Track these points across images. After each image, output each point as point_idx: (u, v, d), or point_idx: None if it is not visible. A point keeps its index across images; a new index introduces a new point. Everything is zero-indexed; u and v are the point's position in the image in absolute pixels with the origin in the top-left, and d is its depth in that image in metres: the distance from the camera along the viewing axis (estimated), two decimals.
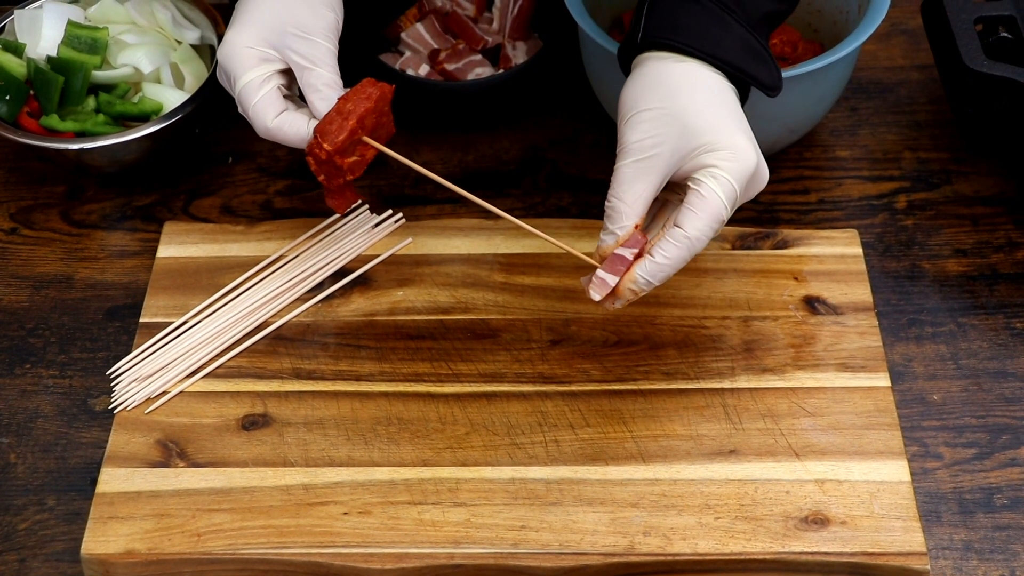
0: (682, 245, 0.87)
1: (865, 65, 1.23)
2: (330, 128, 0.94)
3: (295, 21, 0.95)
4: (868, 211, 1.11)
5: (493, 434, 0.95)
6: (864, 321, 1.01)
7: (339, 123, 0.94)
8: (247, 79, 0.95)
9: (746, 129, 0.88)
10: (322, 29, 0.96)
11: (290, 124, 0.95)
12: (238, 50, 0.95)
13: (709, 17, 0.88)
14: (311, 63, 0.95)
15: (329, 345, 1.01)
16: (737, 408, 0.96)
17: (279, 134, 0.95)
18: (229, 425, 0.96)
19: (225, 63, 0.96)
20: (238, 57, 0.95)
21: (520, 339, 1.01)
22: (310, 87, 0.95)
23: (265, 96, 0.95)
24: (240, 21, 0.96)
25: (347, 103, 0.94)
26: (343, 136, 0.94)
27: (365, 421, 0.96)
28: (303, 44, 0.95)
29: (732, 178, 0.86)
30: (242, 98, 0.96)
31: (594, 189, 1.13)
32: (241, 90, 0.95)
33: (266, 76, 0.95)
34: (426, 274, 1.05)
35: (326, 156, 0.94)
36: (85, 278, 1.08)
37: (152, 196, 1.14)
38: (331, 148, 0.94)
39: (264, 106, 0.95)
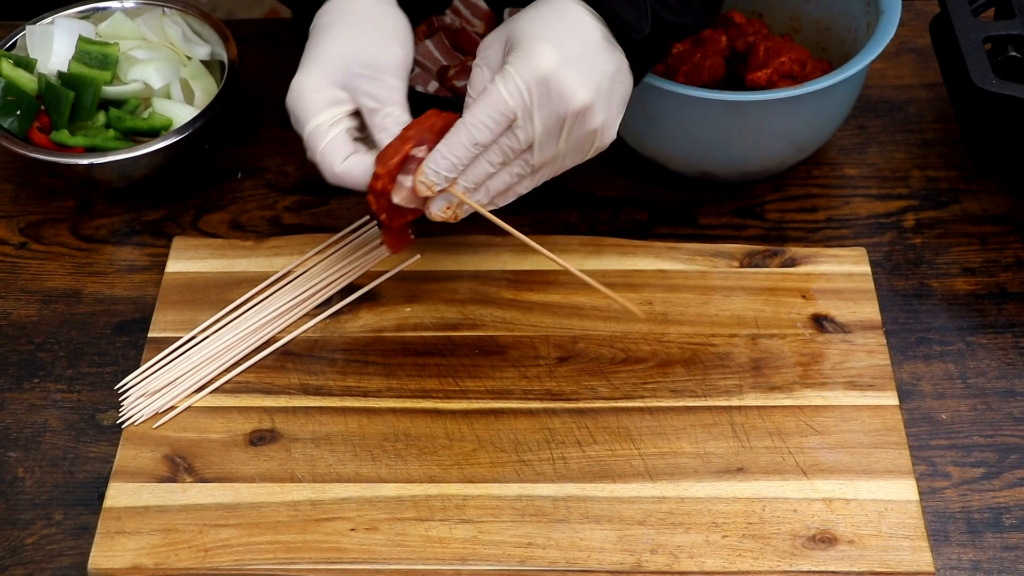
0: (457, 130, 0.88)
1: (874, 83, 1.23)
2: (387, 153, 0.91)
3: (364, 59, 0.93)
4: (876, 229, 1.11)
5: (500, 451, 0.95)
6: (872, 339, 1.01)
7: (396, 147, 0.91)
8: (315, 124, 0.92)
9: (566, 42, 0.88)
10: (392, 67, 0.93)
11: (358, 167, 0.92)
12: (305, 94, 0.92)
13: None
14: (380, 103, 0.92)
15: (337, 361, 1.01)
16: (745, 426, 0.96)
17: (347, 178, 0.92)
18: (236, 440, 0.96)
19: (293, 107, 0.93)
20: (305, 101, 0.92)
21: (528, 356, 1.01)
22: (379, 128, 0.92)
23: (333, 140, 0.92)
24: (308, 61, 0.94)
25: (408, 130, 0.91)
26: (397, 158, 0.90)
27: (372, 437, 0.96)
28: (372, 85, 0.92)
29: (517, 74, 0.87)
30: (310, 143, 0.93)
31: (603, 206, 1.13)
32: (309, 135, 0.92)
33: (335, 119, 0.93)
34: (434, 290, 1.05)
35: (381, 186, 0.91)
36: (94, 293, 1.08)
37: (161, 211, 1.14)
38: (383, 171, 0.90)
39: (331, 151, 0.92)
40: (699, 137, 1.07)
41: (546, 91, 0.88)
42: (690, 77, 1.12)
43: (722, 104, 1.03)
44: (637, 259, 1.07)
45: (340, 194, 1.14)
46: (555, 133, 0.89)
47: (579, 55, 0.88)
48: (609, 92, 0.90)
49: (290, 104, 0.93)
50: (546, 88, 0.87)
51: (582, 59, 0.88)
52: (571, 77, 0.88)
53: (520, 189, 0.94)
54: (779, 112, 1.04)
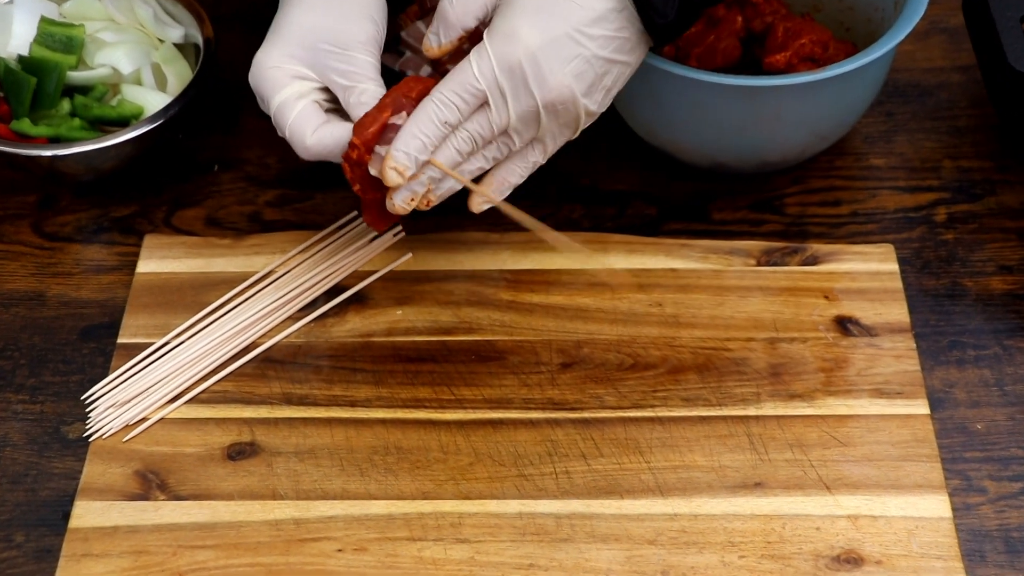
0: (425, 106, 0.89)
1: (902, 66, 1.23)
2: (364, 121, 0.92)
3: (331, 36, 0.94)
4: (905, 224, 1.11)
5: (499, 464, 0.95)
6: (901, 343, 1.02)
7: (372, 116, 0.92)
8: (281, 98, 0.94)
9: (555, 19, 0.87)
10: (362, 42, 0.95)
11: (330, 135, 0.93)
12: (268, 70, 0.94)
13: None
14: (351, 81, 0.94)
15: (322, 368, 1.01)
16: (763, 437, 0.96)
17: (319, 148, 0.93)
18: (214, 454, 0.96)
19: (256, 85, 0.95)
20: (269, 76, 0.94)
21: (528, 362, 1.01)
22: (351, 105, 0.93)
23: (301, 112, 0.94)
24: (271, 39, 0.95)
25: (385, 98, 0.93)
26: (375, 127, 0.92)
27: (361, 450, 0.96)
28: (341, 62, 0.94)
29: (492, 54, 0.87)
30: (278, 120, 0.94)
31: (609, 201, 1.14)
32: (276, 111, 0.94)
33: (302, 92, 0.94)
34: (427, 292, 1.06)
35: (357, 156, 0.92)
36: (58, 295, 1.08)
37: (131, 207, 1.14)
38: (359, 140, 0.91)
39: (300, 123, 0.93)
40: (713, 126, 1.07)
41: (523, 77, 0.88)
42: (703, 60, 1.12)
43: (738, 90, 1.03)
44: (646, 257, 1.07)
45: (325, 188, 1.14)
46: (532, 118, 0.90)
47: (567, 36, 0.88)
48: (598, 76, 0.89)
49: (253, 81, 0.95)
50: (523, 74, 0.88)
51: (571, 41, 0.88)
52: (551, 62, 0.88)
53: (512, 179, 0.94)
54: (799, 98, 1.04)
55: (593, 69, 0.89)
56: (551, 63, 0.88)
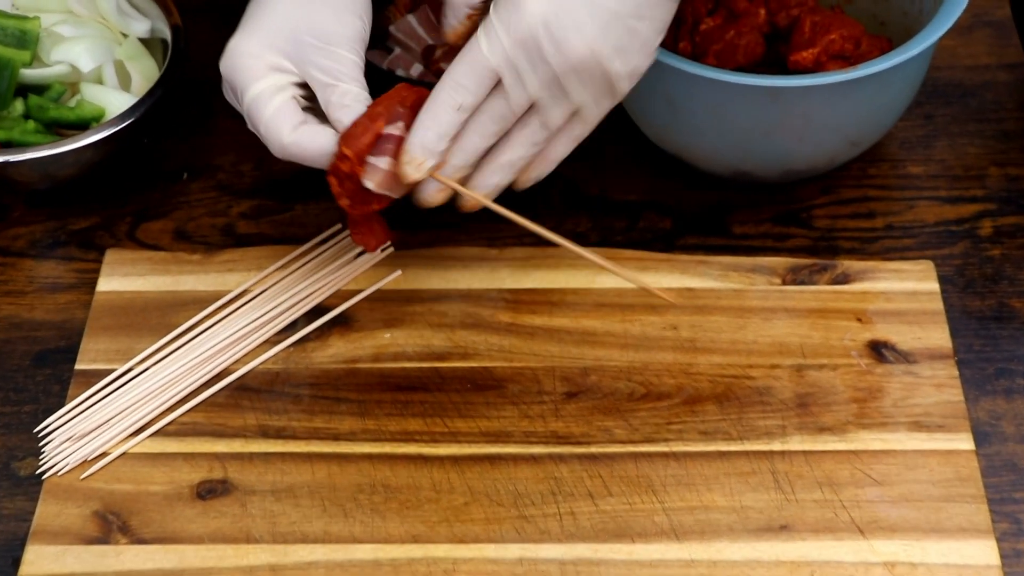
0: (437, 93, 0.91)
1: (942, 64, 1.23)
2: (354, 131, 0.93)
3: (315, 29, 0.94)
4: (946, 239, 1.11)
5: (497, 504, 0.95)
6: (942, 371, 1.01)
7: (364, 125, 0.93)
8: (257, 88, 0.94)
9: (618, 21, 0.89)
10: (347, 39, 0.95)
11: (311, 138, 0.94)
12: (244, 58, 0.94)
13: None
14: (333, 79, 0.94)
15: (302, 398, 1.01)
16: (789, 475, 0.96)
17: (297, 149, 0.94)
18: (182, 493, 0.96)
19: (229, 74, 0.95)
20: (245, 65, 0.94)
21: (530, 391, 1.01)
22: (332, 105, 0.94)
23: (280, 107, 0.94)
24: (248, 26, 0.96)
25: (377, 106, 0.94)
26: (367, 137, 0.92)
27: (344, 489, 0.96)
28: (324, 57, 0.94)
29: (500, 27, 0.88)
30: (252, 111, 0.94)
31: (618, 212, 1.13)
32: (250, 102, 0.94)
33: (280, 85, 0.94)
34: (418, 313, 1.05)
35: (348, 167, 0.93)
36: (9, 316, 1.08)
37: (91, 219, 1.14)
38: (352, 152, 0.92)
39: (279, 118, 0.94)
40: (733, 130, 1.07)
41: (536, 47, 0.88)
42: (722, 58, 1.12)
43: (761, 91, 1.03)
44: (659, 275, 1.07)
45: (306, 198, 1.14)
46: (559, 90, 0.90)
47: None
48: (623, 34, 0.90)
49: (226, 69, 0.95)
50: (536, 44, 0.88)
51: (584, 1, 0.88)
52: (566, 26, 0.88)
53: (555, 155, 0.96)
54: (829, 100, 1.04)
55: (615, 28, 0.89)
56: (565, 28, 0.88)
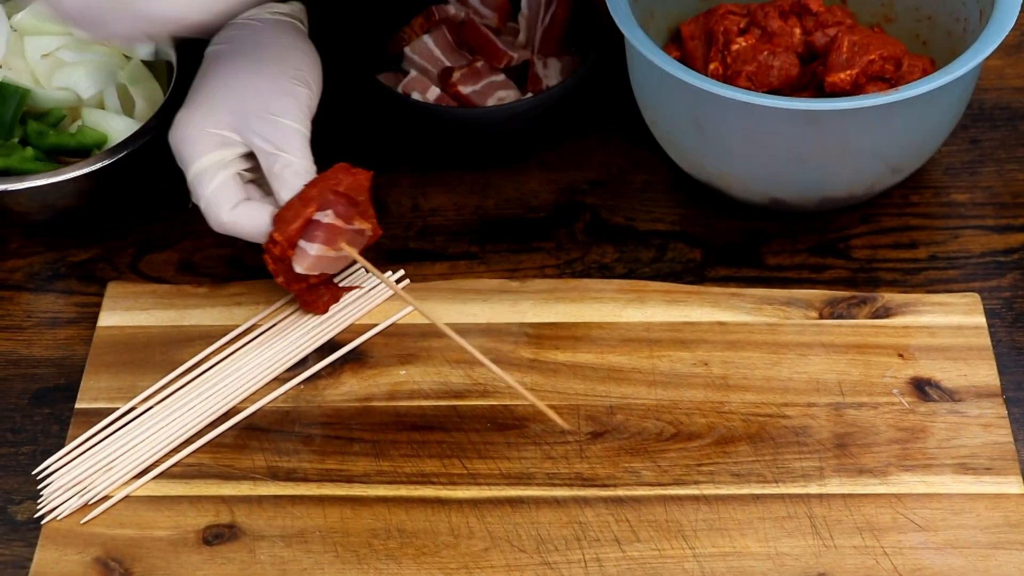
0: None
1: (989, 85, 1.24)
2: (286, 215, 1.00)
3: (259, 101, 1.02)
4: (993, 270, 1.11)
5: (519, 551, 0.95)
6: (989, 410, 1.01)
7: (296, 209, 1.00)
8: (201, 165, 1.01)
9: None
10: (290, 108, 1.02)
11: (248, 217, 1.01)
12: (191, 131, 1.02)
13: None
14: (276, 148, 1.01)
15: (314, 438, 1.01)
16: (827, 520, 0.96)
17: (235, 228, 1.01)
18: (187, 539, 0.96)
19: (176, 145, 1.02)
20: (191, 139, 1.02)
21: (553, 430, 1.01)
22: (275, 176, 1.01)
23: (221, 184, 1.01)
24: (195, 100, 1.03)
25: (311, 189, 1.01)
26: (297, 223, 0.99)
27: (358, 534, 0.96)
28: (267, 126, 1.01)
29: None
30: (194, 186, 1.02)
31: (645, 242, 1.14)
32: (193, 177, 1.02)
33: (224, 161, 1.02)
34: (435, 348, 1.06)
35: (280, 252, 1.00)
36: (6, 352, 1.08)
37: (92, 250, 1.15)
38: (282, 237, 0.99)
39: (219, 196, 1.01)
40: (767, 156, 1.07)
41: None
42: (756, 80, 1.13)
43: (796, 114, 1.03)
44: (689, 308, 1.08)
45: None
46: None
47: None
48: None
49: (173, 141, 1.03)
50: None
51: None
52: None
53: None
54: (868, 123, 1.04)
55: None
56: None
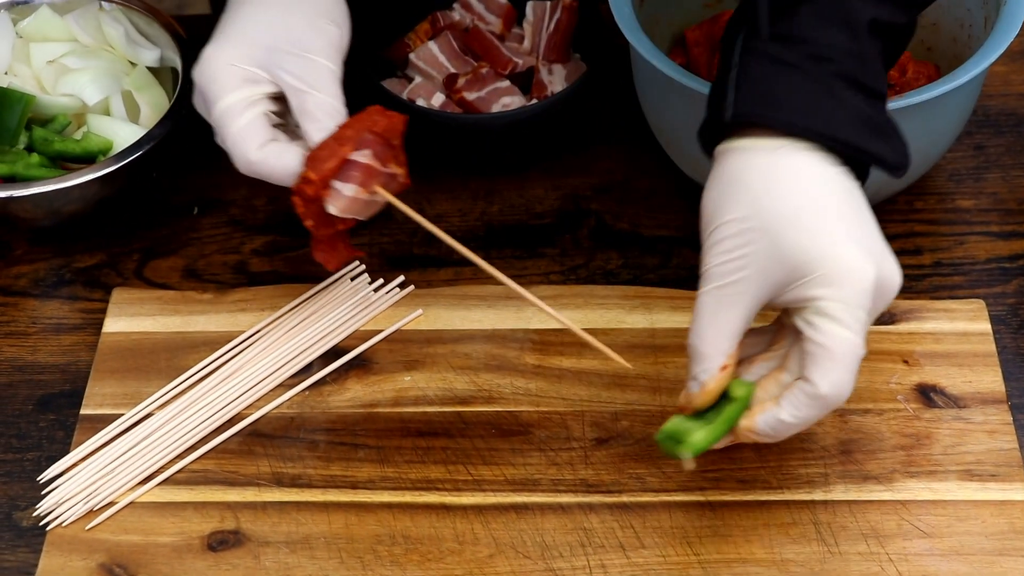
0: (815, 404, 0.87)
1: (994, 92, 1.24)
2: (320, 154, 0.96)
3: (290, 36, 0.98)
4: (998, 276, 1.12)
5: (524, 557, 0.95)
6: (994, 416, 1.01)
7: (331, 148, 0.96)
8: (228, 101, 0.97)
9: (858, 231, 0.87)
10: (322, 46, 0.98)
11: (277, 156, 0.97)
12: (218, 68, 0.98)
13: (814, 85, 0.88)
14: (308, 86, 0.97)
15: (318, 444, 1.02)
16: (832, 526, 0.96)
17: (263, 167, 0.97)
18: (192, 545, 0.97)
19: (202, 83, 0.98)
20: (218, 76, 0.98)
21: (558, 437, 1.01)
22: (306, 114, 0.97)
23: (250, 122, 0.97)
24: (223, 35, 0.99)
25: (347, 130, 0.97)
26: (333, 162, 0.96)
27: (363, 540, 0.96)
28: (299, 63, 0.98)
29: (849, 309, 0.86)
30: (221, 124, 0.98)
31: (650, 248, 1.14)
32: (220, 114, 0.98)
33: (252, 99, 0.98)
34: (440, 355, 1.06)
35: (313, 192, 0.96)
36: (11, 359, 1.09)
37: (97, 256, 1.15)
38: (316, 176, 0.96)
39: (247, 134, 0.97)
40: None
41: (880, 295, 0.87)
42: None
43: None
44: None
45: None
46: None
47: (860, 222, 0.88)
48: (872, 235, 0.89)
49: (199, 78, 0.99)
50: (879, 292, 0.87)
51: (863, 222, 0.88)
52: (882, 261, 0.87)
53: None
54: None
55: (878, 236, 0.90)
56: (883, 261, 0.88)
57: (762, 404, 0.89)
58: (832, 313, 0.85)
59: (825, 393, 0.86)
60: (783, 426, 0.88)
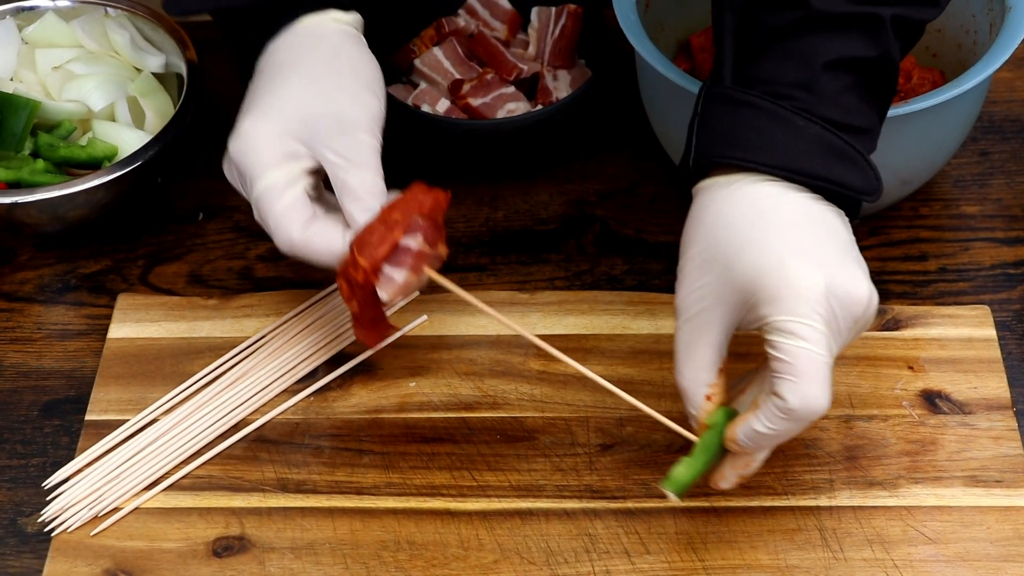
0: (788, 417, 0.87)
1: (999, 98, 1.24)
2: (370, 239, 0.94)
3: (332, 110, 0.95)
4: (1003, 282, 1.12)
5: (528, 563, 0.95)
6: (999, 422, 1.01)
7: (381, 233, 0.93)
8: (269, 180, 0.94)
9: (810, 246, 0.87)
10: (364, 120, 0.95)
11: (321, 237, 0.94)
12: (258, 144, 0.95)
13: (771, 120, 0.89)
14: (351, 164, 0.94)
15: (323, 450, 1.02)
16: (837, 532, 0.96)
17: (308, 250, 0.95)
18: (197, 550, 0.97)
19: (239, 158, 0.95)
20: (257, 152, 0.95)
21: (562, 443, 1.01)
22: (349, 194, 0.94)
23: (293, 202, 0.94)
24: (259, 106, 0.96)
25: (393, 212, 0.94)
26: (384, 248, 0.93)
27: (368, 546, 0.96)
28: (341, 140, 0.95)
29: (802, 321, 0.85)
30: (262, 203, 0.95)
31: (655, 254, 1.14)
32: (261, 193, 0.95)
33: (293, 176, 0.95)
34: (445, 360, 1.06)
35: (363, 277, 0.94)
36: (16, 364, 1.09)
37: (103, 262, 1.15)
38: (368, 264, 0.93)
39: (291, 214, 0.94)
40: None
41: (845, 306, 0.87)
42: None
43: None
44: None
45: None
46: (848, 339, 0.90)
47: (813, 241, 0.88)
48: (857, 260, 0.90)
49: (237, 154, 0.95)
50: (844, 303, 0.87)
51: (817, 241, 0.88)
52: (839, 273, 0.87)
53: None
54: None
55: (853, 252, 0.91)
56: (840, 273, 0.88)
57: (743, 416, 0.89)
58: (786, 328, 0.86)
59: (794, 407, 0.86)
60: (760, 437, 0.88)
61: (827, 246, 0.87)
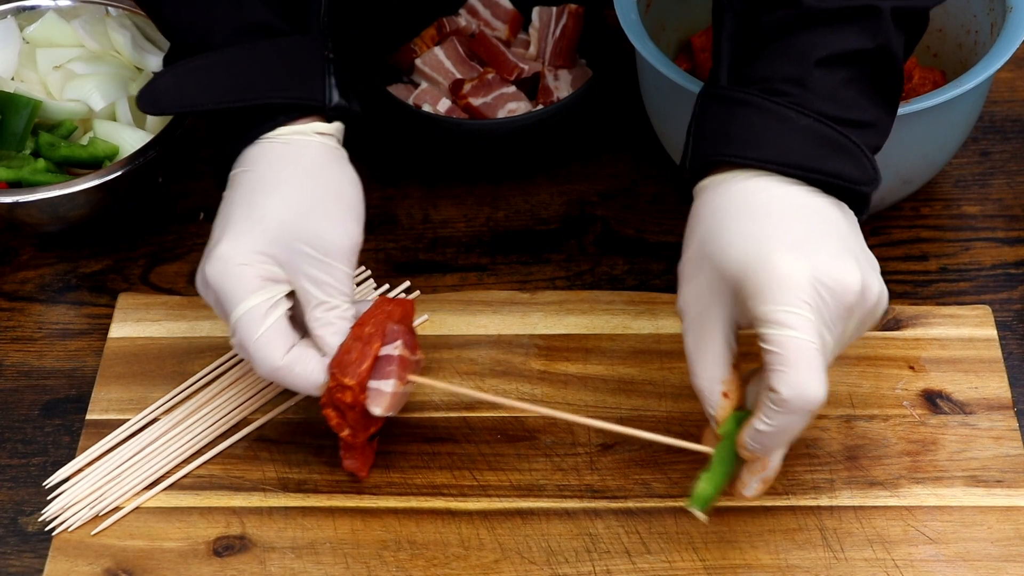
0: (783, 410, 0.86)
1: (1000, 98, 1.24)
2: (349, 358, 0.93)
3: (312, 235, 0.93)
4: (1004, 282, 1.12)
5: (529, 562, 0.95)
6: (1000, 422, 1.01)
7: (359, 349, 0.93)
8: (248, 306, 0.93)
9: (800, 237, 0.87)
10: (346, 251, 0.94)
11: (303, 366, 0.93)
12: (236, 268, 0.93)
13: (764, 117, 0.89)
14: (327, 295, 0.94)
15: (324, 449, 1.01)
16: (838, 532, 0.96)
17: (287, 376, 0.93)
18: (198, 550, 0.97)
19: (218, 283, 0.93)
20: (236, 277, 0.92)
21: (563, 442, 1.01)
22: (322, 323, 0.93)
23: (273, 327, 0.93)
24: (237, 226, 0.94)
25: (364, 326, 0.94)
26: (367, 363, 0.93)
27: (368, 545, 0.97)
28: (320, 270, 0.93)
29: (788, 310, 0.85)
30: (241, 329, 0.93)
31: (655, 254, 1.14)
32: (240, 319, 0.93)
33: (272, 302, 0.93)
34: (446, 360, 1.06)
35: (351, 397, 0.93)
36: (17, 364, 1.09)
37: (104, 261, 1.15)
38: (354, 382, 0.92)
39: (271, 341, 0.93)
40: None
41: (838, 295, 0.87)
42: None
43: None
44: None
45: None
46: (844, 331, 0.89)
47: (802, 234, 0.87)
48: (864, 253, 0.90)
49: (214, 278, 0.93)
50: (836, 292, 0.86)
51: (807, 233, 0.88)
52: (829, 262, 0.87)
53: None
54: None
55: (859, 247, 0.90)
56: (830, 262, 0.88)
57: (748, 419, 0.89)
58: (773, 318, 0.85)
59: (787, 397, 0.85)
60: (762, 436, 0.87)
61: (819, 236, 0.87)
